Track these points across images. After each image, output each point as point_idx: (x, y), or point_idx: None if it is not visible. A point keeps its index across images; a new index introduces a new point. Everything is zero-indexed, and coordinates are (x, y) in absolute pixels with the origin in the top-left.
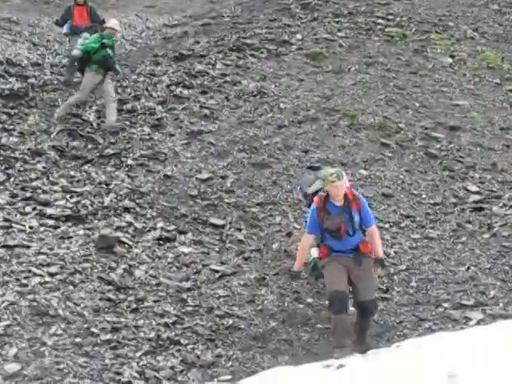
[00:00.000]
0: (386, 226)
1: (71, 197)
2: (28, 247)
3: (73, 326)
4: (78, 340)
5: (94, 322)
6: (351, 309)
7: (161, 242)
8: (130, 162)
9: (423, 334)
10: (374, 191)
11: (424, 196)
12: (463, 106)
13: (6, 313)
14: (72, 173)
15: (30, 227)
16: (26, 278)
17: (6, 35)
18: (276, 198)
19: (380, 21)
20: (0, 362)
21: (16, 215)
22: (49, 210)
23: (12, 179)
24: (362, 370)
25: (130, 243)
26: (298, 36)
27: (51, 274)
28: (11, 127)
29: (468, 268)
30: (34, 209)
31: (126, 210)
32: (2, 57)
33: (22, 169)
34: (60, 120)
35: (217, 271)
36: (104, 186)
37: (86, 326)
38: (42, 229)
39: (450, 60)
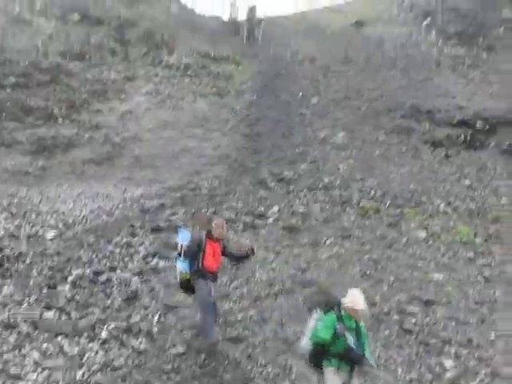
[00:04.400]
0: None
1: (42, 371)
2: None
3: None
4: None
5: None
6: None
7: None
8: (103, 334)
9: None
10: None
11: (400, 372)
12: (438, 280)
13: None
14: (44, 345)
15: None
16: None
17: None
18: (251, 374)
19: (355, 194)
20: None
21: None
22: None
23: None
24: None
25: None
26: (275, 208)
27: None
28: None
29: None
30: (4, 383)
31: None
32: None
33: None
34: None
35: None
36: (77, 359)
37: None
38: None
39: (423, 234)
